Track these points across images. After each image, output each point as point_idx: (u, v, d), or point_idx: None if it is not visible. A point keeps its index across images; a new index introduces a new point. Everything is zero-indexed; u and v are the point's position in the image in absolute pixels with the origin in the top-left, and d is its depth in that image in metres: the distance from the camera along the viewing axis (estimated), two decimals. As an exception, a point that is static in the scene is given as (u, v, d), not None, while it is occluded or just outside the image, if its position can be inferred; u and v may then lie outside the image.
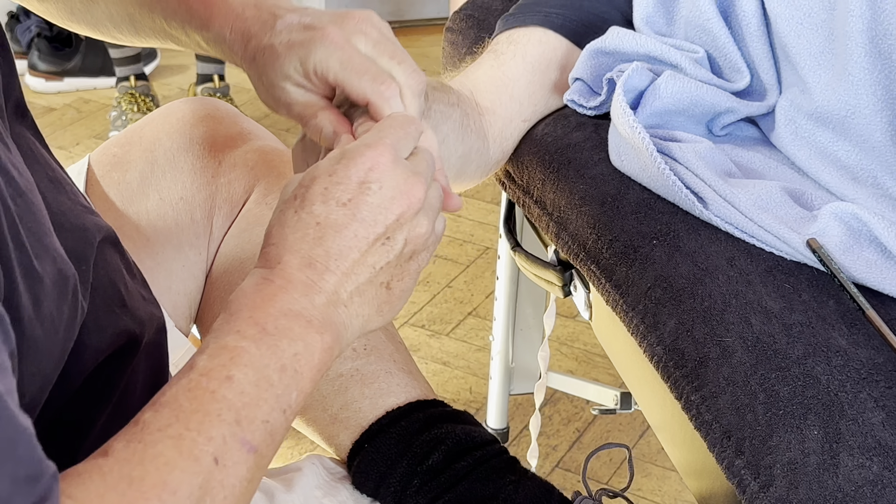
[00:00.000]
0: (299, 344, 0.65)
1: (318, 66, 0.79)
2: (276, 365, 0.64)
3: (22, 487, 0.52)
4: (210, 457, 0.60)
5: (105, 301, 0.72)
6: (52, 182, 0.72)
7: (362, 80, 0.78)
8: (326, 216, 0.69)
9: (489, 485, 0.88)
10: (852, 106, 0.97)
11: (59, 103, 2.89)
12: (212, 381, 0.62)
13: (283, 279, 0.67)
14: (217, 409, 0.61)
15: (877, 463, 0.74)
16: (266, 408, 0.63)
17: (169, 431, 0.60)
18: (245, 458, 0.61)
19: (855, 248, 0.89)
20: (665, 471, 1.76)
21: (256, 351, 0.64)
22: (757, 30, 1.06)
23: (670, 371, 0.88)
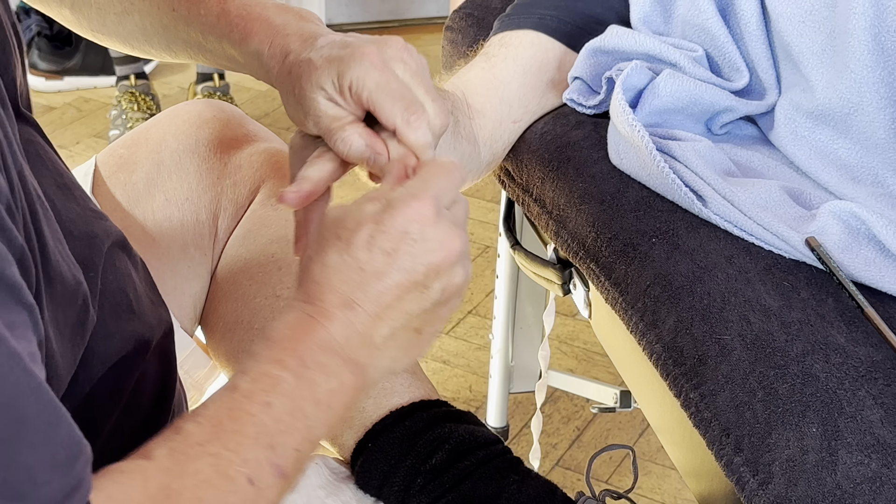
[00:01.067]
0: (334, 381, 0.68)
1: (355, 84, 0.80)
2: (312, 398, 0.67)
3: (59, 471, 0.53)
4: (244, 477, 0.62)
5: (113, 307, 0.73)
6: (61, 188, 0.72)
7: (395, 105, 0.79)
8: (370, 262, 0.71)
9: (492, 484, 0.89)
10: (855, 103, 0.98)
11: (60, 102, 2.89)
12: (253, 404, 0.65)
13: (324, 317, 0.70)
14: (255, 432, 0.64)
15: (875, 460, 0.74)
16: (298, 437, 0.66)
17: (209, 448, 0.62)
18: (276, 482, 0.64)
19: (854, 247, 0.89)
20: (665, 469, 1.77)
21: (295, 382, 0.67)
22: (756, 28, 1.06)
23: (669, 369, 0.88)
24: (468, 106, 1.07)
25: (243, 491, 0.62)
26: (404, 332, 0.72)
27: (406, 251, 0.71)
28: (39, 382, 0.53)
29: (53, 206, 0.68)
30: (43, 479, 0.53)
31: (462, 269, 0.74)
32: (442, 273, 0.72)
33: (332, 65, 0.80)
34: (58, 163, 0.75)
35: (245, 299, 0.99)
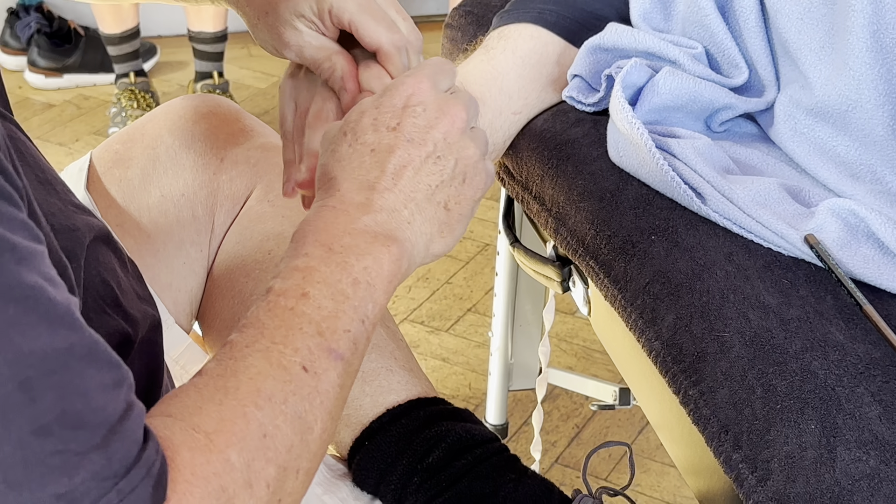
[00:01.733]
0: (368, 258, 0.68)
1: (335, 7, 0.81)
2: (349, 279, 0.67)
3: (111, 394, 0.54)
4: (298, 366, 0.62)
5: (97, 301, 0.73)
6: (42, 183, 0.73)
7: (378, 26, 0.81)
8: (378, 142, 0.73)
9: (489, 483, 0.89)
10: (853, 100, 0.98)
11: (59, 100, 2.89)
12: (289, 299, 0.65)
13: (343, 203, 0.71)
14: (298, 322, 0.64)
15: (873, 457, 0.74)
16: (345, 318, 0.66)
17: (256, 346, 0.63)
18: (333, 364, 0.64)
19: (852, 244, 0.90)
20: (664, 467, 1.77)
21: (326, 269, 0.67)
22: (755, 25, 1.06)
23: (668, 366, 0.88)
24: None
25: (299, 378, 0.62)
26: (430, 206, 0.73)
27: (410, 122, 0.73)
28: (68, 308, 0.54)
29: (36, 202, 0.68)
30: (98, 403, 0.53)
31: (472, 143, 0.75)
32: (451, 141, 0.74)
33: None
34: (39, 159, 0.76)
35: (242, 296, 0.99)
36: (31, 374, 0.51)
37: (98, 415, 0.53)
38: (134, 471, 0.54)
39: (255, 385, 0.61)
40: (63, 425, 0.52)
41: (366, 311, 0.67)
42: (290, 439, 0.61)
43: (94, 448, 0.53)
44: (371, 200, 0.71)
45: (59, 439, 0.51)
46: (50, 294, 0.53)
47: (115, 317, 0.74)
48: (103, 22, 2.68)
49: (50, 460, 0.51)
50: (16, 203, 0.55)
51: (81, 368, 0.53)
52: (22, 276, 0.52)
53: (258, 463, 0.59)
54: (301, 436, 0.62)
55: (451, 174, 0.74)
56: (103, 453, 0.53)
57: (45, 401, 0.51)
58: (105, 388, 0.54)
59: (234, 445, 0.58)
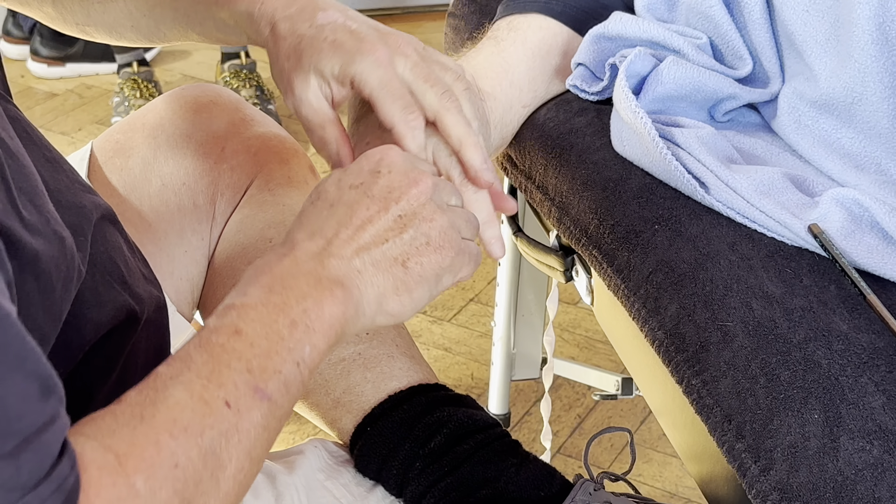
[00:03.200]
0: (308, 301, 0.67)
1: (358, 77, 0.81)
2: (286, 320, 0.66)
3: (33, 405, 0.53)
4: (220, 400, 0.61)
5: (104, 276, 0.73)
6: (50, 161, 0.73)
7: (395, 104, 0.80)
8: (339, 198, 0.72)
9: (491, 467, 0.89)
10: (858, 93, 0.97)
11: (62, 89, 2.88)
12: (221, 335, 0.64)
13: (292, 249, 0.70)
14: (227, 359, 0.63)
15: (877, 447, 0.74)
16: (278, 359, 0.65)
17: (180, 378, 0.62)
18: (258, 404, 0.63)
19: (856, 234, 0.89)
20: (666, 456, 1.77)
21: (263, 308, 0.66)
22: (760, 17, 1.05)
23: (671, 355, 0.88)
24: (479, 89, 1.07)
25: (220, 413, 0.61)
26: (385, 260, 0.72)
27: (374, 182, 0.73)
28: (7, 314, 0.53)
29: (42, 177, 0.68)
30: (14, 412, 0.52)
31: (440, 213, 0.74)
32: (415, 205, 0.73)
33: (336, 52, 0.81)
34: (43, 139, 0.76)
35: None
36: None
37: (13, 424, 0.52)
38: (43, 485, 0.53)
39: (171, 415, 0.60)
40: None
41: (302, 354, 0.66)
42: (200, 473, 0.60)
43: (3, 456, 0.51)
44: (321, 248, 0.70)
45: None
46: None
47: (122, 293, 0.74)
48: (106, 11, 2.68)
49: None
50: None
51: (5, 374, 0.52)
52: None
53: (164, 493, 0.58)
54: (212, 472, 0.60)
55: (413, 234, 0.73)
56: (12, 463, 0.52)
57: None
58: (27, 398, 0.53)
59: (142, 472, 0.57)
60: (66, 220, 0.67)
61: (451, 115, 0.82)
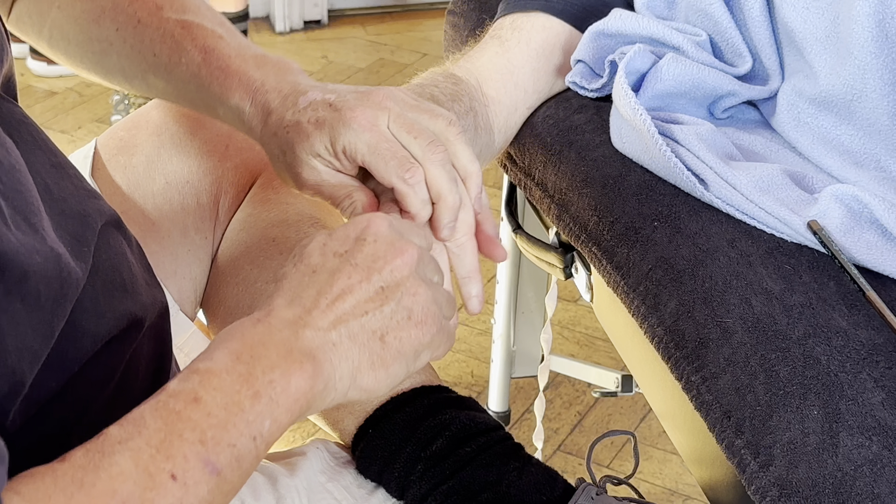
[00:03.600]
0: (276, 372, 0.65)
1: (348, 148, 0.80)
2: (249, 391, 0.63)
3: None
4: (166, 473, 0.59)
5: (106, 286, 0.72)
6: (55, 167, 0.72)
7: (388, 165, 0.79)
8: (322, 264, 0.70)
9: (493, 471, 0.89)
10: (858, 90, 0.97)
11: (61, 87, 2.89)
12: (178, 401, 0.62)
13: (268, 316, 0.68)
14: (180, 428, 0.61)
15: (876, 442, 0.74)
16: (234, 432, 0.62)
17: (129, 444, 0.59)
18: (206, 478, 0.60)
19: (855, 230, 0.90)
20: (666, 454, 1.77)
21: (227, 377, 0.63)
22: (759, 14, 1.05)
23: (671, 352, 0.88)
24: (483, 94, 1.07)
25: (164, 486, 0.58)
26: (363, 333, 0.69)
27: (359, 250, 0.70)
28: None
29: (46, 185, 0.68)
30: None
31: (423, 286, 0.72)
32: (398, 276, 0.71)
33: (321, 130, 0.80)
34: (50, 143, 0.75)
35: (246, 283, 0.99)
36: None
37: None
38: None
39: (112, 486, 0.57)
40: None
41: (261, 428, 0.63)
42: None
43: None
44: (298, 317, 0.67)
45: None
46: None
47: (123, 301, 0.73)
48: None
49: None
50: None
51: None
52: None
53: None
54: None
55: (394, 308, 0.70)
56: None
57: None
58: None
59: None
60: (69, 230, 0.66)
61: (435, 168, 0.80)
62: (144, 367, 0.78)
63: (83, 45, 0.94)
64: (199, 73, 0.87)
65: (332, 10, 3.30)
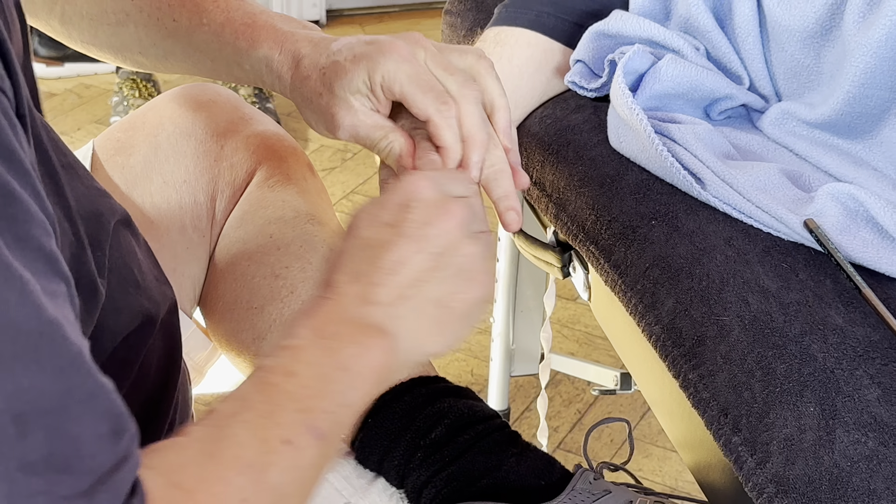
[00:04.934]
0: (355, 347, 0.68)
1: (387, 77, 0.80)
2: (335, 364, 0.67)
3: (105, 444, 0.53)
4: (279, 439, 0.62)
5: (121, 283, 0.73)
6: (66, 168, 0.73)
7: (427, 96, 0.80)
8: (374, 237, 0.72)
9: (491, 458, 0.89)
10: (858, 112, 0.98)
11: (60, 88, 2.89)
12: (276, 375, 0.65)
13: (334, 294, 0.70)
14: (283, 398, 0.64)
15: (872, 439, 0.75)
16: (329, 401, 0.66)
17: (239, 417, 0.63)
18: (313, 442, 0.64)
19: (852, 229, 0.90)
20: (665, 451, 1.77)
21: (314, 351, 0.67)
22: (753, 47, 1.06)
23: (668, 350, 0.88)
24: None
25: (280, 451, 0.62)
26: (424, 303, 0.72)
27: (408, 219, 0.72)
28: (80, 351, 0.53)
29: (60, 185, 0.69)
30: (88, 451, 0.53)
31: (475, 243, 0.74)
32: (450, 239, 0.73)
33: (360, 63, 0.81)
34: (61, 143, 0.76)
35: (244, 279, 0.99)
36: (26, 410, 0.50)
37: (86, 462, 0.52)
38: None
39: (236, 453, 0.61)
40: (49, 467, 0.51)
41: (350, 398, 0.67)
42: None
43: (79, 495, 0.52)
44: (363, 294, 0.70)
45: (45, 480, 0.51)
46: (65, 332, 0.53)
47: (137, 297, 0.74)
48: (104, 11, 2.68)
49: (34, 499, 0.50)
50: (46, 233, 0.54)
51: (78, 413, 0.52)
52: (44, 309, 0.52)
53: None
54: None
55: (450, 271, 0.73)
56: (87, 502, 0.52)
57: (35, 439, 0.51)
58: (100, 437, 0.53)
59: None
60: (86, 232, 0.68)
61: (468, 105, 0.82)
62: (157, 363, 0.79)
63: (98, 19, 0.94)
64: (223, 32, 0.87)
65: (330, 10, 3.30)
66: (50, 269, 0.54)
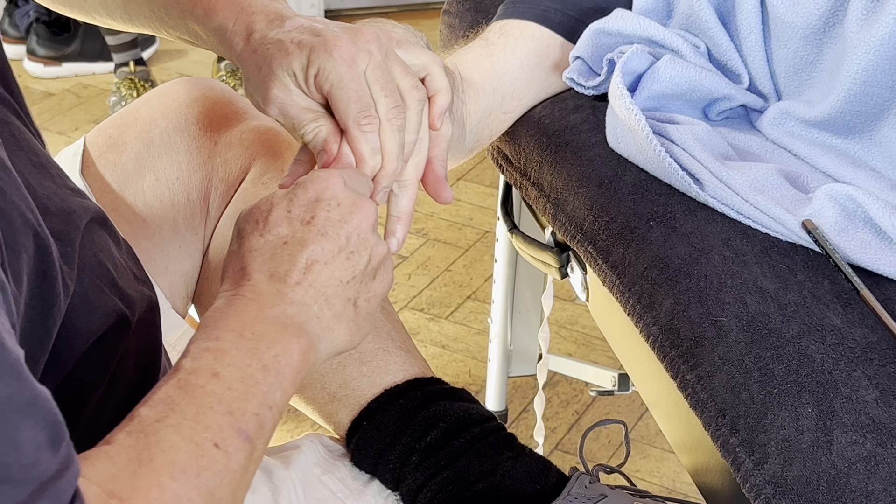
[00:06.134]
0: (278, 346, 0.69)
1: (320, 74, 0.81)
2: (258, 365, 0.67)
3: (44, 452, 0.53)
4: (210, 442, 0.62)
5: (94, 281, 0.73)
6: (37, 167, 0.72)
7: (350, 106, 0.81)
8: (291, 234, 0.73)
9: (487, 461, 0.89)
10: (857, 111, 0.98)
11: (58, 88, 2.88)
12: (199, 377, 0.65)
13: (253, 293, 0.71)
14: (209, 401, 0.64)
15: (870, 440, 0.74)
16: (255, 402, 0.66)
17: (167, 421, 0.62)
18: (242, 445, 0.64)
19: (850, 229, 0.90)
20: (663, 452, 1.77)
21: (237, 352, 0.67)
22: (755, 43, 1.06)
23: (666, 351, 0.88)
24: (462, 90, 1.07)
25: (211, 454, 0.62)
26: (339, 302, 0.73)
27: (324, 216, 0.73)
28: (17, 359, 0.53)
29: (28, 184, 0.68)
30: (28, 459, 0.52)
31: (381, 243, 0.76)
32: (363, 237, 0.74)
33: (302, 50, 0.81)
34: (33, 142, 0.76)
35: None
36: None
37: (27, 471, 0.52)
38: None
39: (168, 457, 0.61)
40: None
41: (274, 399, 0.67)
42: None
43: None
44: (282, 293, 0.71)
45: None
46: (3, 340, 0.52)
47: (112, 296, 0.74)
48: (102, 11, 2.68)
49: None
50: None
51: (18, 421, 0.52)
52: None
53: None
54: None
55: (363, 270, 0.75)
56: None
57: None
58: (39, 446, 0.53)
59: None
60: (54, 228, 0.67)
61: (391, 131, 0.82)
62: (133, 363, 0.78)
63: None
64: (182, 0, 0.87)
65: (328, 10, 3.30)
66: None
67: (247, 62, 0.84)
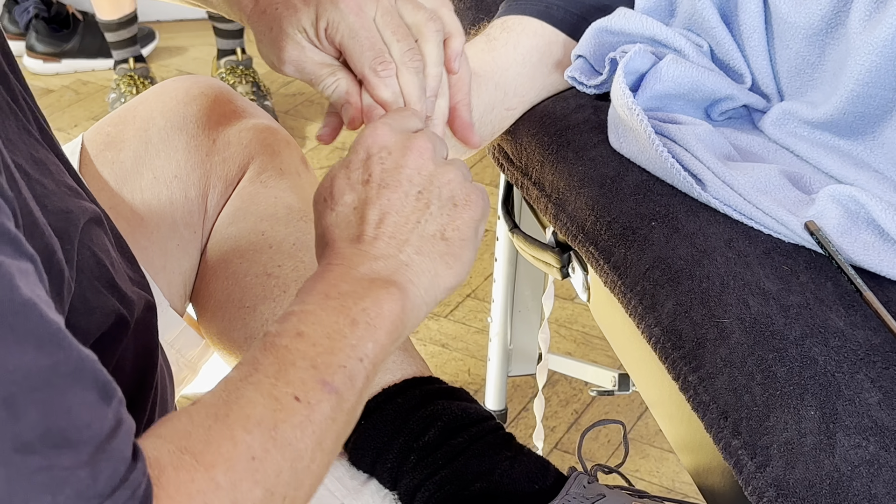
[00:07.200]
0: (366, 300, 0.69)
1: (330, 26, 0.81)
2: (346, 320, 0.68)
3: (97, 411, 0.54)
4: (290, 396, 0.63)
5: (92, 282, 0.73)
6: (37, 163, 0.72)
7: (364, 54, 0.81)
8: (357, 198, 0.74)
9: (485, 461, 0.89)
10: (860, 112, 0.98)
11: (57, 85, 2.88)
12: (283, 338, 0.66)
13: (338, 258, 0.72)
14: (291, 358, 0.65)
15: (873, 443, 0.74)
16: (342, 355, 0.66)
17: (249, 380, 0.64)
18: (326, 396, 0.64)
19: (853, 231, 0.89)
20: (663, 452, 1.77)
21: (322, 312, 0.68)
22: (758, 44, 1.06)
23: (668, 352, 0.88)
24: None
25: (290, 407, 0.63)
26: (424, 242, 0.73)
27: (379, 170, 0.74)
28: (58, 327, 0.54)
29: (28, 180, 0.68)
30: (83, 421, 0.53)
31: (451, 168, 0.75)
32: (426, 173, 0.74)
33: (309, 6, 0.82)
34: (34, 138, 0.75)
35: (236, 277, 0.99)
36: (14, 391, 0.51)
37: (83, 432, 0.53)
38: (119, 492, 0.54)
39: (244, 412, 0.61)
40: (46, 443, 0.51)
41: (365, 351, 0.67)
42: (279, 464, 0.61)
43: (81, 465, 0.52)
44: (363, 251, 0.72)
45: (43, 457, 0.51)
46: (41, 310, 0.53)
47: (110, 297, 0.74)
48: (100, 8, 2.68)
49: (34, 477, 0.51)
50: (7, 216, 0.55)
51: (66, 386, 0.53)
52: (19, 290, 0.52)
53: (245, 484, 0.59)
54: (291, 463, 0.62)
55: (438, 203, 0.74)
56: (90, 471, 0.53)
57: (28, 419, 0.51)
58: (91, 406, 0.54)
59: (220, 466, 0.59)
60: (53, 227, 0.67)
61: (408, 73, 0.82)
62: (132, 363, 0.78)
63: None
64: None
65: None
66: (16, 250, 0.54)
67: (257, 24, 0.84)
